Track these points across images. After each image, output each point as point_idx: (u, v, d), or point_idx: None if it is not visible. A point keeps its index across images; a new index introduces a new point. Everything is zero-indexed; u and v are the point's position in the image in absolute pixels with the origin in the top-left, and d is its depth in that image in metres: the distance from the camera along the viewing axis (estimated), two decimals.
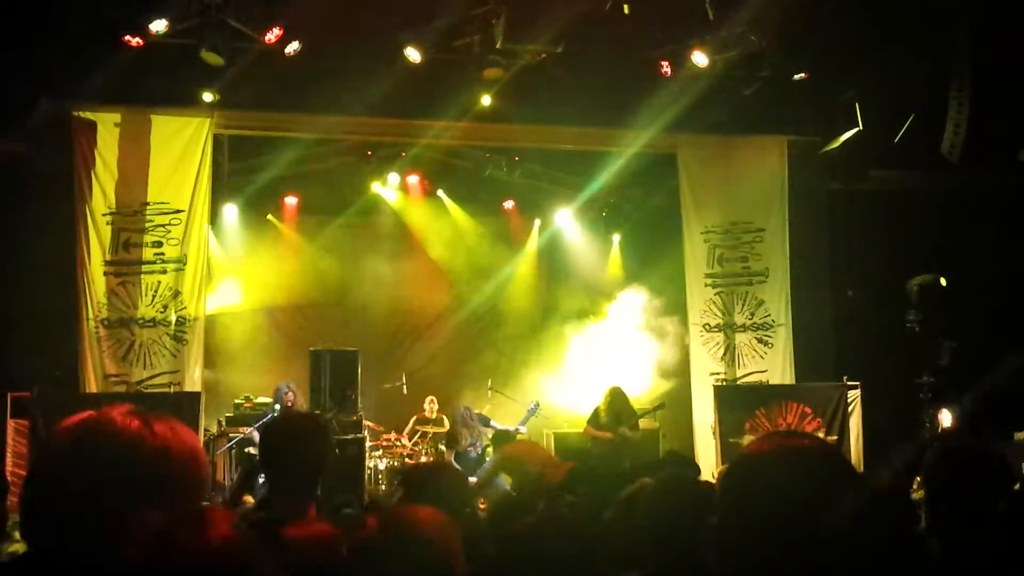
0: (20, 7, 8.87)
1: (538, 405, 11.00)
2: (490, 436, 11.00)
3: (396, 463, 11.68)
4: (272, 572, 1.67)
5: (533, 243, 15.29)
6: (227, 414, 11.13)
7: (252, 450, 9.98)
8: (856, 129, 10.69)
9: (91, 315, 9.86)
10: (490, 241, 15.00)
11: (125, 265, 10.05)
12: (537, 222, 15.28)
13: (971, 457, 2.96)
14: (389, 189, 14.22)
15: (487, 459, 10.35)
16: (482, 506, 8.93)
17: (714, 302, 11.33)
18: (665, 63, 10.21)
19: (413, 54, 9.64)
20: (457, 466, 9.42)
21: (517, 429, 10.51)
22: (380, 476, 11.48)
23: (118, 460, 1.66)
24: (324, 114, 10.33)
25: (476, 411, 11.12)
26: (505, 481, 10.08)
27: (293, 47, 9.52)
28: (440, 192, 14.55)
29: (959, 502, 2.78)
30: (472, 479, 9.14)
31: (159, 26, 9.14)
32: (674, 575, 2.72)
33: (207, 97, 9.86)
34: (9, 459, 8.59)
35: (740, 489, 1.55)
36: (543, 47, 9.95)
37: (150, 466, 1.67)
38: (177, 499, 1.66)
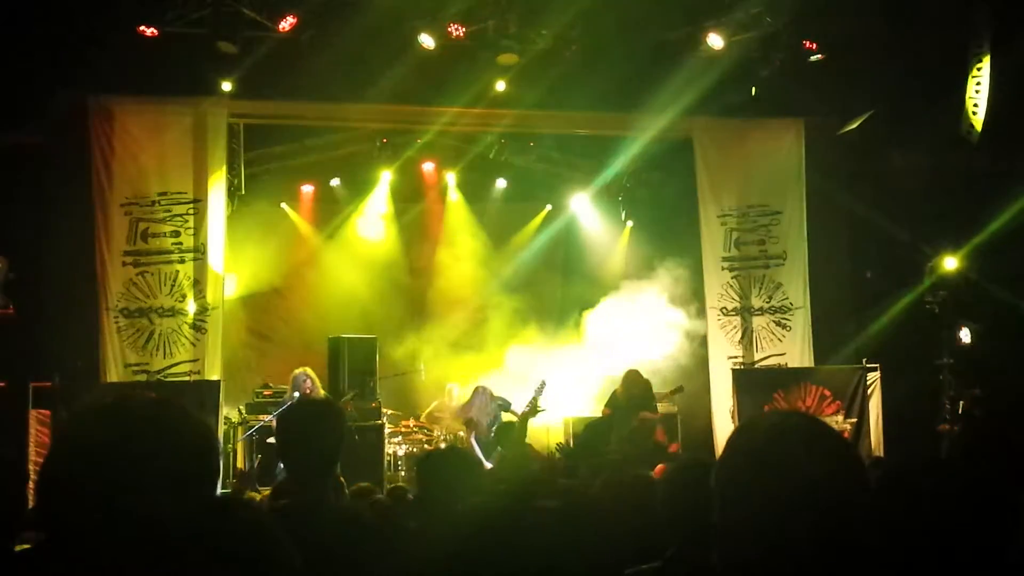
0: None
1: (545, 383, 10.53)
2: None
3: (415, 449, 11.72)
4: (295, 557, 1.68)
5: (548, 228, 15.27)
6: (246, 402, 11.21)
7: (272, 439, 10.04)
8: (871, 111, 10.62)
9: (111, 305, 9.92)
10: (504, 227, 15.00)
11: (143, 255, 10.11)
12: (548, 207, 15.26)
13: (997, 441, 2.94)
14: (403, 176, 14.23)
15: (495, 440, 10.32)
16: None
17: (731, 286, 11.28)
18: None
19: (427, 40, 9.62)
20: (477, 447, 9.40)
21: (525, 411, 10.40)
22: (399, 462, 11.53)
23: (138, 445, 1.67)
24: (338, 102, 10.35)
25: (499, 396, 10.99)
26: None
27: (307, 35, 9.54)
28: (454, 178, 14.55)
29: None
30: (488, 464, 9.17)
31: (174, 16, 9.17)
32: (690, 561, 2.73)
33: (224, 86, 9.88)
34: (31, 449, 8.67)
35: (733, 475, 1.55)
36: (557, 31, 9.91)
37: (169, 452, 1.68)
38: (195, 485, 1.67)
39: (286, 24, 9.47)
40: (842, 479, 1.48)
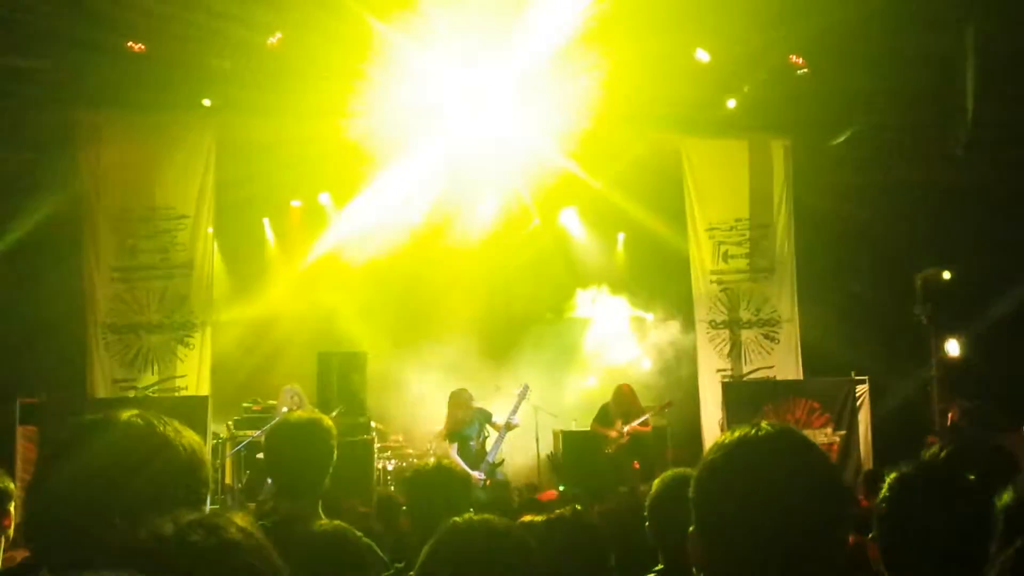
0: (22, 14, 8.89)
1: (528, 387, 10.44)
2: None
3: (404, 464, 11.67)
4: (283, 573, 1.67)
5: (538, 241, 15.26)
6: (235, 417, 11.15)
7: (261, 455, 9.99)
8: (857, 126, 10.69)
9: (99, 320, 9.89)
10: (493, 241, 14.97)
11: (132, 271, 10.08)
12: (536, 221, 15.25)
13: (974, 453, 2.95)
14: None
15: (488, 453, 10.18)
16: None
17: (720, 299, 11.31)
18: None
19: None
20: (460, 460, 9.26)
21: (509, 421, 10.24)
22: (389, 477, 11.48)
23: (124, 461, 1.66)
24: (326, 115, 10.34)
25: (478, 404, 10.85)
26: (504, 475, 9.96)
27: (294, 50, 9.54)
28: (444, 190, 14.52)
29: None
30: (477, 474, 9.10)
31: (160, 31, 9.17)
32: (678, 573, 2.73)
33: (206, 102, 9.87)
34: (19, 465, 8.62)
35: (708, 489, 1.55)
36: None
37: (155, 466, 1.67)
38: (182, 500, 1.66)
39: (274, 40, 9.48)
40: (818, 494, 1.48)
